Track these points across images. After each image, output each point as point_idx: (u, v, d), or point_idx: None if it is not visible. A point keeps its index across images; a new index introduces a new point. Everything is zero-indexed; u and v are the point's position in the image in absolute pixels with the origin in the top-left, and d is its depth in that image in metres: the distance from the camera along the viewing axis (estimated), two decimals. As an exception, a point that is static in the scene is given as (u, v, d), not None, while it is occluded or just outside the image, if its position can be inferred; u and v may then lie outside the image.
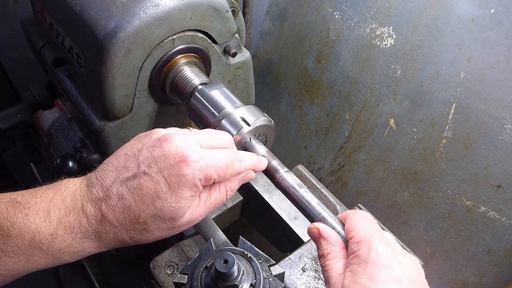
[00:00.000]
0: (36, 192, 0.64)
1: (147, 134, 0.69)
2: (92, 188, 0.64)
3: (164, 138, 0.65)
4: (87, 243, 0.63)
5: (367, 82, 1.24)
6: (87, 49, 0.88)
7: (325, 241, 0.64)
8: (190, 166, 0.63)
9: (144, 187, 0.63)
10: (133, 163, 0.65)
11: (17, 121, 1.16)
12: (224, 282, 0.63)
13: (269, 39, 1.52)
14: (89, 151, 1.00)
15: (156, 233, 0.66)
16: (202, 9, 0.87)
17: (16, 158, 1.88)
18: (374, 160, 1.27)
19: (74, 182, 0.65)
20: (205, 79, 0.90)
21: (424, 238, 1.19)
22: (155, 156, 0.64)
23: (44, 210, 0.61)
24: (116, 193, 0.63)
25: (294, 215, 0.99)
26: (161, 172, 0.63)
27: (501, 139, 0.99)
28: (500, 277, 1.05)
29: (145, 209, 0.63)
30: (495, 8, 0.96)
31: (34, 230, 0.60)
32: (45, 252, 0.61)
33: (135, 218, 0.63)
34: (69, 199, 0.63)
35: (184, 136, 0.67)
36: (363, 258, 0.58)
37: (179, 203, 0.64)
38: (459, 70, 1.04)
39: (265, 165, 0.76)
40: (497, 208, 1.03)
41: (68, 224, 0.61)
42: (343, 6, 1.25)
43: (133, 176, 0.64)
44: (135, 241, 0.66)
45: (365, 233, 0.61)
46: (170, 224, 0.65)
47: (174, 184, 0.63)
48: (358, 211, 0.67)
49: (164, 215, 0.63)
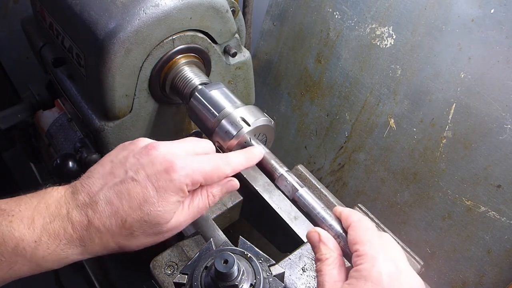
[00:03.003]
0: (20, 200, 0.64)
1: (132, 143, 0.71)
2: (77, 195, 0.64)
3: (151, 146, 0.68)
4: (71, 250, 0.63)
5: (367, 82, 1.24)
6: (87, 49, 0.88)
7: (325, 246, 0.64)
8: (177, 171, 0.65)
9: (132, 192, 0.64)
10: (120, 169, 0.66)
11: (17, 121, 1.16)
12: (224, 282, 0.63)
13: (269, 39, 1.52)
14: (89, 151, 0.99)
15: (141, 238, 0.66)
16: (202, 9, 0.87)
17: (16, 158, 1.88)
18: (374, 160, 1.27)
19: (58, 190, 0.66)
20: (205, 79, 0.90)
21: (424, 238, 1.19)
22: (143, 162, 0.66)
23: (28, 217, 0.61)
24: (103, 198, 0.64)
25: (294, 215, 0.99)
26: (149, 177, 0.64)
27: (501, 139, 0.99)
28: (500, 277, 1.05)
29: (132, 214, 0.63)
30: (495, 8, 0.96)
31: (17, 238, 0.60)
32: (29, 260, 0.61)
33: (122, 223, 0.63)
34: (53, 206, 0.63)
35: (170, 144, 0.69)
36: (363, 274, 0.58)
37: (166, 207, 0.65)
38: (459, 70, 1.04)
39: (259, 156, 0.76)
40: (497, 208, 1.03)
41: (52, 231, 0.61)
42: (343, 6, 1.25)
43: (120, 181, 0.65)
44: (120, 247, 0.66)
45: (369, 247, 0.60)
46: (156, 229, 0.66)
47: (161, 189, 0.64)
48: (361, 219, 0.65)
49: (150, 220, 0.64)
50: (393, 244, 0.64)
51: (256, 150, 0.77)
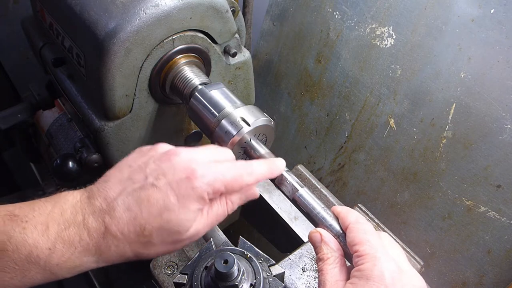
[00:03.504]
0: (34, 205, 0.62)
1: (151, 148, 0.69)
2: (94, 200, 0.63)
3: (172, 152, 0.66)
4: (86, 258, 0.62)
5: (367, 82, 1.24)
6: (87, 49, 0.88)
7: (326, 246, 0.64)
8: (199, 179, 0.63)
9: (152, 198, 0.62)
10: (139, 175, 0.64)
11: (17, 121, 1.16)
12: (224, 282, 0.63)
13: (269, 39, 1.52)
14: (89, 151, 0.99)
15: (159, 247, 0.65)
16: (202, 9, 0.87)
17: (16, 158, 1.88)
18: (374, 160, 1.27)
19: (74, 195, 0.64)
20: (205, 79, 0.90)
21: (424, 238, 1.19)
22: (164, 168, 0.64)
23: (42, 224, 0.60)
24: (121, 204, 0.62)
25: (294, 215, 0.99)
26: (170, 184, 0.63)
27: (501, 139, 0.99)
28: (500, 277, 1.05)
29: (152, 221, 0.62)
30: (495, 8, 0.96)
31: (31, 245, 0.58)
32: (42, 267, 0.59)
33: (141, 230, 0.62)
34: (68, 212, 0.61)
35: (191, 150, 0.67)
36: (365, 273, 0.58)
37: (186, 215, 0.63)
38: (459, 70, 1.04)
39: (281, 169, 0.74)
40: (497, 208, 1.03)
41: (67, 238, 0.60)
42: (343, 6, 1.25)
43: (140, 187, 0.63)
44: (137, 255, 0.64)
45: (369, 247, 0.60)
46: (175, 238, 0.65)
47: (182, 196, 0.62)
48: (358, 220, 0.65)
49: (170, 227, 0.63)
50: (393, 243, 0.65)
51: (279, 162, 0.75)
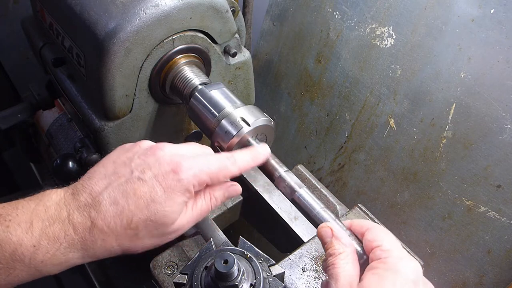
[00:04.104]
0: (17, 204, 0.62)
1: (134, 145, 0.71)
2: (78, 196, 0.63)
3: (156, 147, 0.68)
4: (71, 254, 0.62)
5: (367, 82, 1.24)
6: (87, 49, 0.88)
7: (338, 242, 0.64)
8: (184, 172, 0.64)
9: (139, 191, 0.63)
10: (124, 169, 0.65)
11: (17, 121, 1.16)
12: (224, 282, 0.63)
13: (269, 39, 1.52)
14: (89, 151, 0.99)
15: (146, 240, 0.65)
16: (202, 9, 0.87)
17: (16, 158, 1.88)
18: (374, 160, 1.27)
19: (57, 193, 0.64)
20: (205, 79, 0.90)
21: (424, 238, 1.19)
22: (149, 163, 0.65)
23: (26, 221, 0.60)
24: (107, 198, 0.62)
25: (294, 215, 0.99)
26: (156, 177, 0.64)
27: (501, 139, 0.99)
28: (500, 277, 1.05)
29: (139, 213, 0.63)
30: (495, 8, 0.96)
31: (15, 243, 0.58)
32: (27, 265, 0.59)
33: (127, 223, 0.62)
34: (52, 209, 0.62)
35: (175, 146, 0.69)
36: (391, 266, 0.59)
37: (173, 207, 0.64)
38: (459, 70, 1.04)
39: (264, 155, 0.76)
40: (497, 208, 1.03)
41: (52, 235, 0.60)
42: (343, 6, 1.25)
43: (126, 181, 0.64)
44: (124, 249, 0.65)
45: (393, 245, 0.62)
46: (161, 230, 0.66)
47: (168, 188, 0.64)
48: (378, 226, 0.67)
49: (157, 219, 0.64)
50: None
51: (261, 148, 0.76)
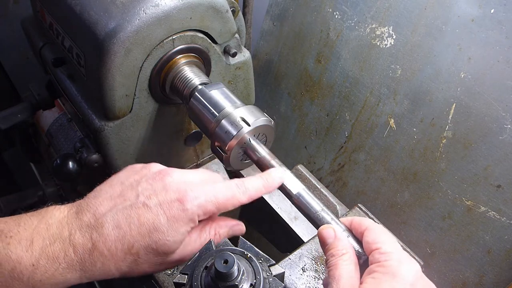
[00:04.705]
0: (19, 219, 0.61)
1: (144, 166, 0.70)
2: (82, 215, 0.62)
3: (165, 172, 0.67)
4: (70, 274, 0.61)
5: (367, 82, 1.24)
6: (87, 49, 0.88)
7: (341, 243, 0.64)
8: (190, 201, 0.64)
9: (142, 218, 0.62)
10: (131, 193, 0.65)
11: (17, 121, 1.16)
12: (224, 282, 0.62)
13: (269, 39, 1.52)
14: (89, 151, 0.99)
15: (144, 266, 0.65)
16: (202, 9, 0.87)
17: (16, 158, 1.88)
18: (374, 160, 1.27)
19: (61, 210, 0.63)
20: (205, 79, 0.90)
21: (424, 238, 1.19)
22: (156, 188, 0.64)
23: (26, 239, 0.59)
24: (110, 221, 0.61)
25: (294, 215, 0.99)
26: (161, 205, 0.63)
27: (501, 139, 0.99)
28: (500, 277, 1.05)
29: (140, 240, 0.62)
30: (495, 8, 0.96)
31: (15, 261, 0.57)
32: (25, 284, 0.58)
33: (128, 248, 0.62)
34: (54, 227, 0.61)
35: (184, 172, 0.68)
36: (391, 269, 0.58)
37: (175, 237, 0.64)
38: (459, 70, 1.04)
39: (279, 182, 0.73)
40: (497, 208, 1.03)
41: (51, 254, 0.59)
42: (343, 6, 1.25)
43: (130, 205, 0.63)
44: (121, 273, 0.64)
45: (392, 247, 0.61)
46: (161, 258, 0.65)
47: (172, 218, 0.63)
48: (375, 224, 0.66)
49: (158, 248, 0.63)
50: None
51: (275, 174, 0.73)
